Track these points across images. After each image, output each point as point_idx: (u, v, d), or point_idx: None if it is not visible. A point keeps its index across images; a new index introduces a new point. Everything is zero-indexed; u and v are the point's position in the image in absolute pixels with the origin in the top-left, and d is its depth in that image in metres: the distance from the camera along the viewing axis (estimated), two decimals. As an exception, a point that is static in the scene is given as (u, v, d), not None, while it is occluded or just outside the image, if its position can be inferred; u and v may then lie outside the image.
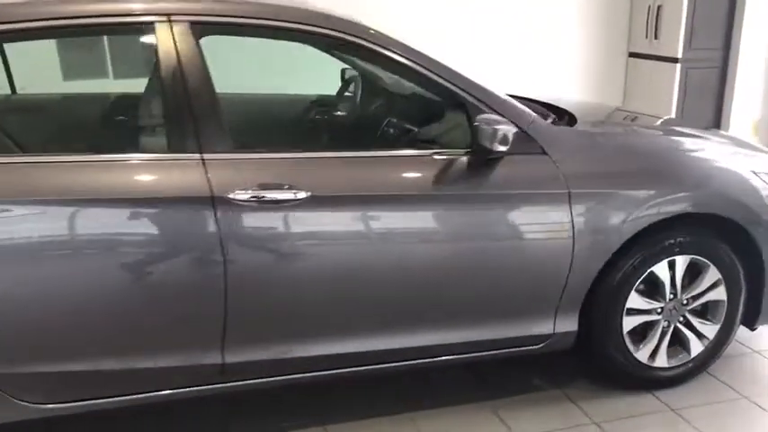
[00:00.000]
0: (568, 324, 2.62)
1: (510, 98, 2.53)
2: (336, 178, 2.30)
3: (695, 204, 2.62)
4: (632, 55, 6.10)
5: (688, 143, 2.86)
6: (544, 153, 2.49)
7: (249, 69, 3.07)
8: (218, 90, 2.25)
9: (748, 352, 3.12)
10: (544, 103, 3.06)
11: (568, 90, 6.03)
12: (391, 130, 2.65)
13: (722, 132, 3.23)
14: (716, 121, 5.81)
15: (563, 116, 2.87)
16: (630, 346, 2.72)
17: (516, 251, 2.49)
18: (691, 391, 2.80)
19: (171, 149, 2.21)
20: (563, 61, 6.02)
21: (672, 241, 2.64)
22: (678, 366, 2.81)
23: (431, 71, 2.42)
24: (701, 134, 3.03)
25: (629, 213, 2.53)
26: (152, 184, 2.15)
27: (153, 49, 2.21)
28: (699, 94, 5.68)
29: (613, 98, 6.23)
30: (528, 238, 2.50)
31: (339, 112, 2.95)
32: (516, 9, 5.73)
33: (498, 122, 2.32)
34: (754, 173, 2.74)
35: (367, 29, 2.39)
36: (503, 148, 2.32)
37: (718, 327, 2.81)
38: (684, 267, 2.69)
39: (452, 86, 2.44)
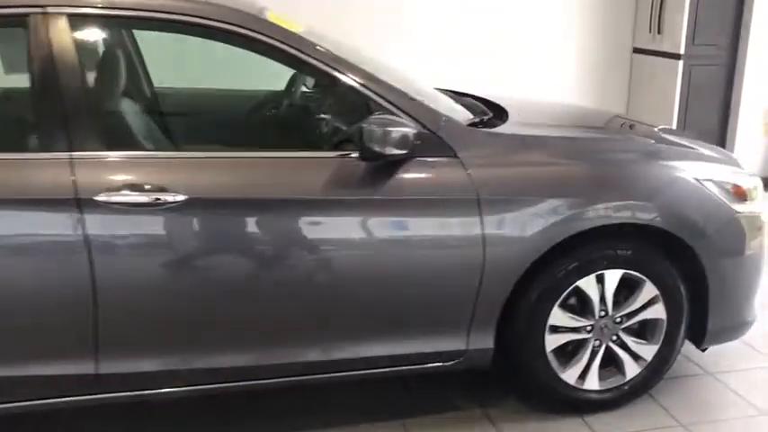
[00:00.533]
0: (483, 341, 2.42)
1: (420, 98, 2.35)
2: (218, 181, 2.16)
3: (622, 216, 2.39)
4: (637, 51, 5.80)
5: (628, 150, 2.62)
6: (455, 156, 2.32)
7: (176, 64, 2.95)
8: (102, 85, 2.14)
9: (700, 374, 2.87)
10: (490, 102, 2.88)
11: (570, 88, 5.79)
12: (286, 130, 2.49)
13: (703, 145, 2.92)
14: (722, 121, 5.47)
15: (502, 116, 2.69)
16: (556, 367, 2.51)
17: (420, 261, 2.30)
18: (623, 417, 2.58)
19: (41, 148, 2.10)
20: (565, 58, 5.76)
21: (600, 254, 2.43)
22: (612, 389, 2.59)
23: (328, 66, 2.26)
24: (661, 143, 2.77)
25: (546, 223, 2.32)
26: (19, 184, 2.05)
27: (27, 43, 2.11)
28: (703, 92, 5.34)
29: (617, 97, 5.94)
30: (433, 248, 2.30)
31: (227, 110, 2.79)
32: (519, 4, 5.52)
33: (394, 124, 2.15)
34: (699, 181, 2.50)
35: (252, 17, 2.24)
36: (398, 152, 2.15)
37: (656, 347, 2.58)
38: (616, 283, 2.47)
39: (354, 83, 2.27)
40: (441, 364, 2.43)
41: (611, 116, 3.40)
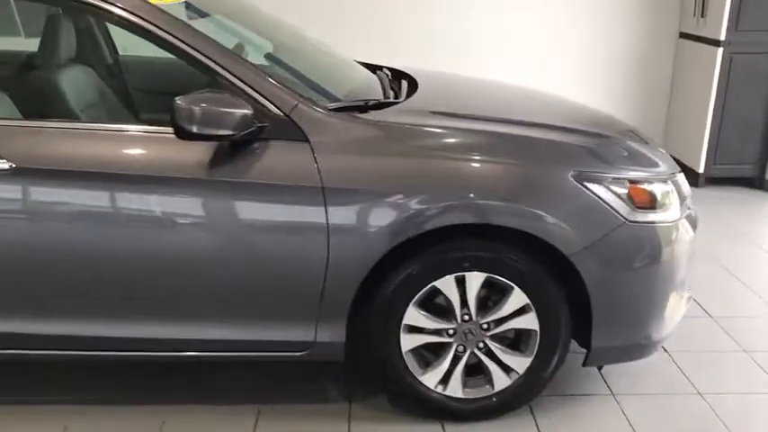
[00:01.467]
0: (333, 334, 2.32)
1: (271, 79, 2.23)
2: (47, 151, 2.18)
3: (477, 216, 2.21)
4: (683, 36, 5.30)
5: (508, 150, 2.33)
6: (306, 141, 2.22)
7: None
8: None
9: (605, 395, 2.63)
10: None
11: (615, 74, 5.42)
12: (131, 102, 2.46)
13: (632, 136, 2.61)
14: (766, 114, 4.90)
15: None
16: (414, 368, 2.39)
17: (264, 247, 2.22)
18: (488, 429, 2.42)
19: None
20: (607, 44, 5.38)
21: (459, 255, 2.27)
22: (478, 399, 2.43)
23: (179, 39, 2.18)
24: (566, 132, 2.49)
25: (395, 218, 2.18)
26: None
27: None
28: (744, 82, 4.80)
29: (661, 84, 5.48)
30: (276, 234, 2.22)
31: (67, 77, 2.78)
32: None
33: (216, 102, 2.08)
34: (580, 183, 2.24)
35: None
36: (220, 132, 2.07)
37: (529, 360, 2.39)
38: (478, 286, 2.29)
39: (203, 58, 2.19)
40: (291, 353, 2.37)
41: (570, 112, 3.10)
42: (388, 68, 3.25)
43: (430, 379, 2.40)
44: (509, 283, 2.29)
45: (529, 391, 2.43)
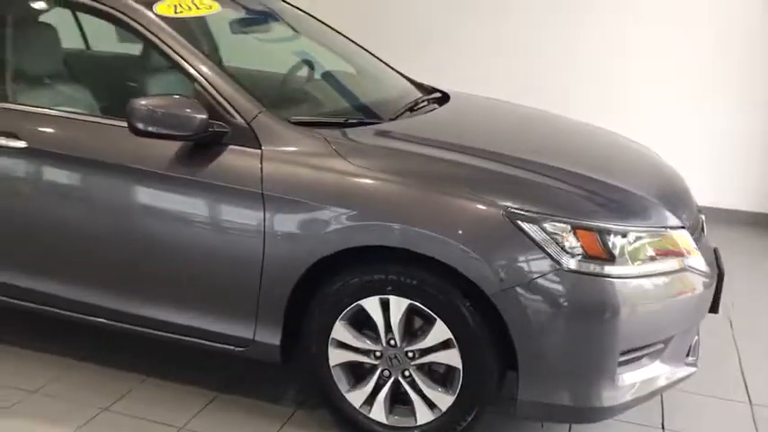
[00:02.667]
0: (270, 335, 2.41)
1: (237, 86, 2.42)
2: (54, 134, 2.56)
3: (394, 240, 2.18)
4: None
5: (449, 171, 2.32)
6: (259, 148, 2.35)
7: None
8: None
9: None
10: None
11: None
12: (114, 96, 2.72)
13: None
14: None
15: None
16: (341, 384, 2.40)
17: (208, 243, 2.40)
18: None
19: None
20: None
21: (382, 277, 2.25)
22: (400, 429, 2.37)
23: (173, 50, 2.46)
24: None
25: (325, 230, 2.24)
26: None
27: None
28: None
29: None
30: (220, 232, 2.38)
31: (82, 70, 3.08)
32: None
33: (172, 105, 2.28)
34: (511, 221, 2.12)
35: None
36: (171, 132, 2.28)
37: (452, 398, 2.28)
38: (401, 312, 2.25)
39: (184, 63, 2.44)
40: (232, 347, 2.50)
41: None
42: (443, 92, 3.28)
43: (355, 398, 2.40)
44: (432, 314, 2.23)
45: (451, 431, 2.32)
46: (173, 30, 2.52)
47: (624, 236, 2.18)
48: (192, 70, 2.44)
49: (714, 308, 2.58)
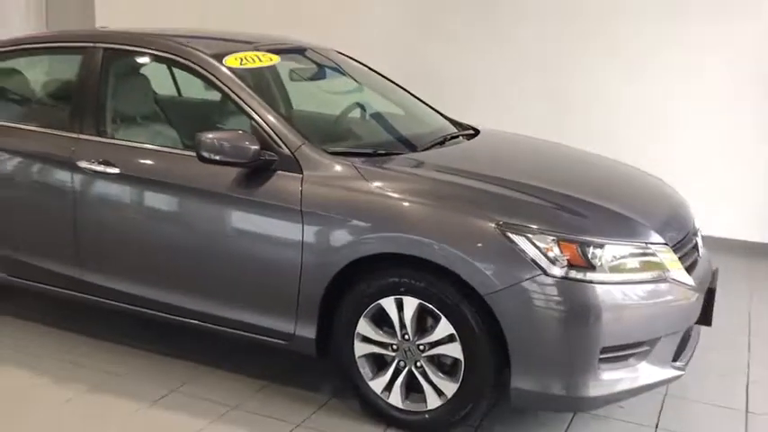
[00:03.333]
0: (307, 330, 2.87)
1: (285, 123, 2.96)
2: (139, 162, 3.15)
3: (406, 248, 2.62)
4: None
5: (455, 192, 2.77)
6: (301, 173, 2.85)
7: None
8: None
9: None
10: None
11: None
12: (188, 131, 3.25)
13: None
14: None
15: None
16: (365, 373, 2.82)
17: (259, 250, 2.91)
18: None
19: (68, 129, 3.34)
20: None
21: (396, 280, 2.67)
22: (414, 413, 2.77)
23: (235, 94, 3.03)
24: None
25: (350, 240, 2.72)
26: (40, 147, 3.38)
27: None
28: None
29: None
30: (268, 241, 2.89)
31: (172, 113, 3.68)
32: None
33: (232, 138, 2.81)
34: (502, 233, 2.52)
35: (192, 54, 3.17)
36: (231, 159, 2.81)
37: (456, 386, 2.66)
38: (413, 310, 2.67)
39: (245, 106, 3.00)
40: (278, 341, 2.97)
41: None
42: (476, 129, 3.74)
43: (377, 385, 2.81)
44: (438, 312, 2.63)
45: (456, 415, 2.69)
46: (237, 78, 3.09)
47: (601, 248, 2.53)
48: (249, 110, 2.99)
49: (706, 321, 2.88)
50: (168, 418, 2.88)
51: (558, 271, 2.49)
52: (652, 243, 2.67)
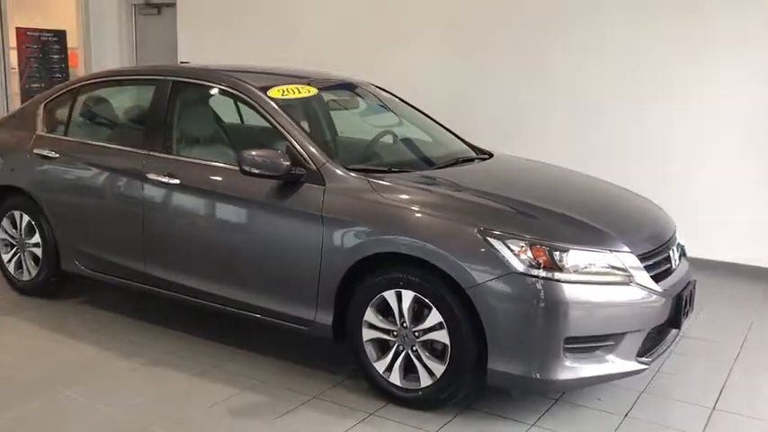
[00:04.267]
0: (325, 317, 3.42)
1: (313, 143, 3.54)
2: (195, 175, 3.79)
3: (402, 248, 3.13)
4: None
5: (448, 203, 3.29)
6: (324, 185, 3.41)
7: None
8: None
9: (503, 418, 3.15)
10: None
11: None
12: (235, 148, 3.90)
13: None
14: None
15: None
16: (371, 355, 3.32)
17: (287, 249, 3.48)
18: (426, 416, 3.21)
19: (139, 145, 4.04)
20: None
21: (397, 275, 3.18)
22: (410, 390, 3.24)
23: (273, 119, 3.64)
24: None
25: (359, 241, 3.26)
26: (119, 162, 4.07)
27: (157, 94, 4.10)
28: None
29: None
30: (295, 241, 3.45)
31: (222, 135, 4.30)
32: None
33: (268, 156, 3.40)
34: (483, 236, 3.00)
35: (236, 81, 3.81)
36: (267, 172, 3.40)
37: (443, 368, 3.12)
38: (409, 301, 3.16)
39: (281, 129, 3.60)
40: (302, 327, 3.52)
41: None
42: (491, 153, 4.26)
43: (380, 365, 3.31)
44: (429, 303, 3.12)
45: (444, 393, 3.16)
46: (277, 107, 3.71)
47: (566, 252, 2.98)
48: (284, 132, 3.60)
49: (675, 324, 3.27)
50: (208, 386, 3.46)
51: (527, 270, 2.95)
52: (617, 251, 3.10)
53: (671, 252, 3.43)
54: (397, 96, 4.73)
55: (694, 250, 5.26)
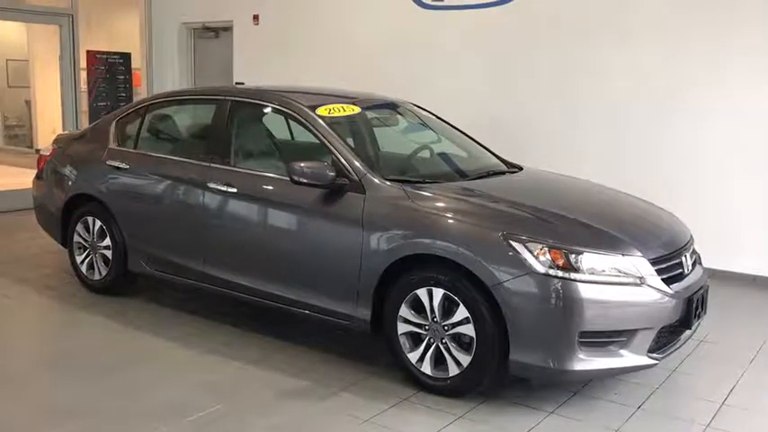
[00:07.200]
0: (364, 312, 3.79)
1: (355, 156, 3.94)
2: (250, 184, 4.21)
3: (433, 250, 3.48)
4: None
5: (476, 210, 3.65)
6: (364, 193, 3.80)
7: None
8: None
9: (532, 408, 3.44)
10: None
11: None
12: (285, 160, 4.31)
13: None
14: None
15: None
16: (405, 347, 3.67)
17: (331, 249, 3.87)
18: (449, 402, 3.54)
19: (205, 159, 4.48)
20: None
21: (429, 274, 3.54)
22: (439, 379, 3.58)
23: (321, 135, 4.05)
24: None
25: (395, 244, 3.63)
26: (182, 172, 4.53)
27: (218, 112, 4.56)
28: None
29: None
30: (339, 243, 3.84)
31: (273, 149, 4.70)
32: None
33: (315, 167, 3.80)
34: (505, 240, 3.33)
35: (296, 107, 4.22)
36: (314, 182, 3.80)
37: (469, 359, 3.45)
38: (440, 298, 3.50)
39: (328, 144, 4.01)
40: (343, 321, 3.89)
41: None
42: (521, 167, 4.61)
43: (413, 356, 3.65)
44: (457, 299, 3.46)
45: (470, 381, 3.50)
46: (324, 124, 4.12)
47: (581, 254, 3.30)
48: (330, 146, 4.01)
49: (687, 324, 3.54)
50: (257, 373, 3.87)
51: (546, 270, 3.27)
52: (629, 254, 3.40)
53: (683, 258, 3.71)
54: (434, 115, 5.11)
55: (719, 263, 5.56)
